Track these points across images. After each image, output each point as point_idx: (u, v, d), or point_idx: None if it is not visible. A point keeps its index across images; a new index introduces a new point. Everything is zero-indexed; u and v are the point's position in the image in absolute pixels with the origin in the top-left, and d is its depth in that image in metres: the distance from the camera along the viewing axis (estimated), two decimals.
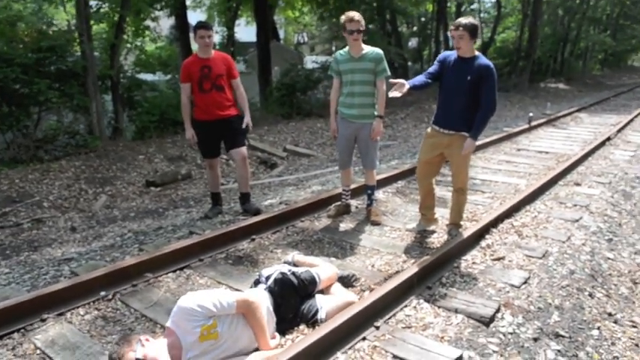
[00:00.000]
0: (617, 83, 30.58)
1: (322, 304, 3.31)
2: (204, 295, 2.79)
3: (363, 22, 4.83)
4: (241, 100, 5.59)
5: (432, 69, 4.52)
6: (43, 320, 3.40)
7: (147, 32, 14.21)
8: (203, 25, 5.30)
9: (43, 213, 7.30)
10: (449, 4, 25.20)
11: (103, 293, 3.74)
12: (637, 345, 3.49)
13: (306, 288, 3.34)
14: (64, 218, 7.19)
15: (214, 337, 2.73)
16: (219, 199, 5.93)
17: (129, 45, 13.48)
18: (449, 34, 4.41)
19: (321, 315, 3.24)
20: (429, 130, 4.67)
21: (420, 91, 4.73)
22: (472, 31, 4.18)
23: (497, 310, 3.44)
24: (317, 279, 3.42)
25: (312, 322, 3.23)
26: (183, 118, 5.55)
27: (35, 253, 5.66)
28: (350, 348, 3.00)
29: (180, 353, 2.66)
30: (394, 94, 4.18)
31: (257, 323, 2.89)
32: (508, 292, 3.73)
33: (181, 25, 19.40)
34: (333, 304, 3.34)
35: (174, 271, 4.14)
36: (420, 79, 4.46)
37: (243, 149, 5.56)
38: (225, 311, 2.77)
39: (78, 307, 3.58)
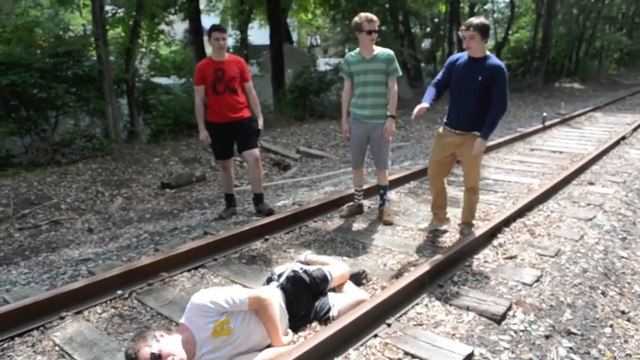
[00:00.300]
0: (632, 82, 30.24)
1: (334, 301, 3.35)
2: (216, 291, 2.85)
3: (377, 24, 4.90)
4: (254, 103, 5.66)
5: (439, 76, 4.58)
6: (62, 318, 3.48)
7: (161, 36, 14.34)
8: (217, 28, 5.36)
9: (60, 215, 7.42)
10: (462, 5, 25.14)
11: (119, 292, 3.81)
12: None
13: (317, 286, 3.39)
14: (81, 220, 7.31)
15: (227, 333, 2.78)
16: (233, 201, 6.00)
17: (144, 49, 13.62)
18: (460, 34, 4.43)
19: (333, 313, 3.28)
20: (440, 130, 4.69)
21: None
22: (483, 31, 4.19)
23: (509, 308, 3.46)
24: (329, 277, 3.46)
25: (325, 319, 3.28)
26: (197, 119, 5.60)
27: (53, 253, 5.77)
28: (362, 345, 3.04)
29: (195, 349, 2.72)
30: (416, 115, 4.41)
31: (269, 320, 2.94)
32: (520, 290, 3.75)
33: (195, 29, 19.58)
34: (345, 302, 3.38)
35: (189, 271, 4.21)
36: (430, 94, 4.53)
37: (256, 151, 5.61)
38: (237, 308, 2.82)
39: (95, 306, 3.66)
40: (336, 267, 3.64)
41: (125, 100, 12.52)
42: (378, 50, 4.95)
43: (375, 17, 4.90)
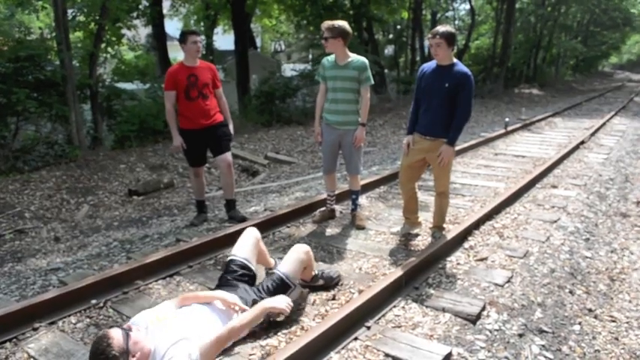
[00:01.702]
0: (588, 88, 31.32)
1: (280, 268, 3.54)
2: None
3: (335, 30, 4.87)
4: (224, 109, 5.66)
5: (415, 92, 4.73)
6: (35, 329, 3.41)
7: (124, 41, 14.11)
8: (194, 31, 5.32)
9: (24, 224, 7.23)
10: (424, 12, 25.57)
11: (94, 301, 3.76)
12: (617, 339, 3.63)
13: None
14: (46, 229, 7.14)
15: None
16: (204, 207, 5.96)
17: (107, 54, 13.38)
18: (426, 42, 4.54)
19: (285, 276, 3.47)
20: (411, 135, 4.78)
21: (398, 100, 4.90)
22: (449, 38, 4.30)
23: (483, 309, 3.55)
24: (288, 281, 3.49)
25: (282, 287, 3.42)
26: (169, 125, 5.51)
27: (19, 263, 5.62)
28: (343, 348, 3.08)
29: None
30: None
31: (244, 326, 3.03)
32: (492, 290, 3.85)
33: (158, 34, 19.38)
34: (288, 263, 3.54)
35: (164, 278, 4.18)
36: (411, 122, 4.75)
37: (229, 156, 5.59)
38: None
39: (70, 316, 3.59)
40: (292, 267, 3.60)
41: (88, 105, 12.26)
42: (353, 57, 5.00)
43: (329, 24, 4.90)
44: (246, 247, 3.69)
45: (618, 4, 34.50)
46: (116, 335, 2.60)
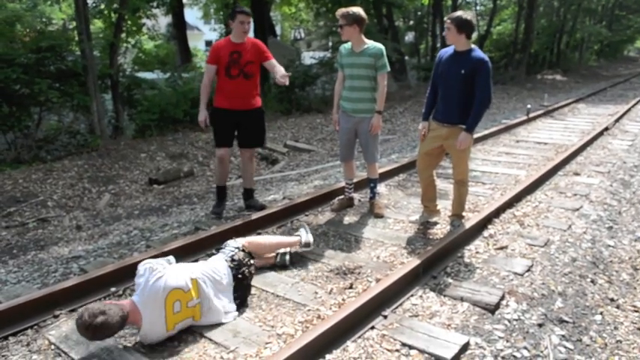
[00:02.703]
0: (613, 74, 30.68)
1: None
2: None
3: (350, 17, 4.79)
4: (277, 67, 5.17)
5: (432, 78, 4.67)
6: (56, 316, 3.46)
7: (144, 30, 14.19)
8: (243, 11, 5.14)
9: (47, 212, 7.35)
10: None
11: (113, 289, 3.80)
12: (639, 329, 3.56)
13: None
14: (68, 217, 7.25)
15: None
16: (225, 194, 5.71)
17: (127, 44, 13.47)
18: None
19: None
20: (428, 123, 4.73)
21: (418, 87, 4.86)
22: (459, 24, 4.23)
23: (502, 298, 3.51)
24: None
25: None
26: (200, 98, 5.28)
27: (42, 251, 5.71)
28: (359, 337, 3.07)
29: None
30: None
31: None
32: (512, 280, 3.80)
33: (178, 23, 19.48)
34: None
35: None
36: (427, 107, 4.71)
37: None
38: None
39: (89, 303, 3.63)
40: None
41: (109, 95, 12.38)
42: (369, 44, 4.94)
43: (343, 11, 4.83)
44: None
45: None
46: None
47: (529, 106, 12.13)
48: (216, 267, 3.42)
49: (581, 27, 33.64)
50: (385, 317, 3.26)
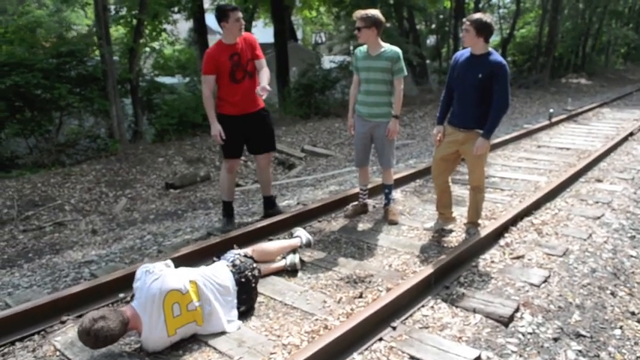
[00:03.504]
0: None
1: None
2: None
3: (369, 19, 4.71)
4: (264, 77, 4.89)
5: (447, 81, 4.57)
6: (63, 322, 3.44)
7: (164, 35, 14.30)
8: (235, 7, 4.80)
9: (64, 216, 7.41)
10: (467, 1, 24.98)
11: (121, 295, 3.77)
12: None
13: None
14: (85, 221, 7.29)
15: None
16: (232, 210, 5.43)
17: (147, 49, 13.60)
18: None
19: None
20: (444, 127, 4.63)
21: (439, 91, 4.79)
22: (478, 27, 4.12)
23: (517, 310, 3.40)
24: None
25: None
26: (207, 112, 4.97)
27: (57, 255, 5.75)
28: (366, 349, 2.99)
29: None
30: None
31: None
32: (527, 291, 3.68)
33: (199, 28, 19.58)
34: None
35: None
36: (442, 111, 4.63)
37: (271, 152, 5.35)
38: None
39: (97, 309, 3.61)
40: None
41: (129, 99, 12.50)
42: (386, 47, 4.85)
43: (362, 13, 4.75)
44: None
45: None
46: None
47: (551, 110, 11.89)
48: (217, 271, 3.38)
49: (608, 30, 32.98)
50: (394, 328, 3.17)
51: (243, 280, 3.41)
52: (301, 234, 4.48)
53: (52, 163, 9.56)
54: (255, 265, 3.60)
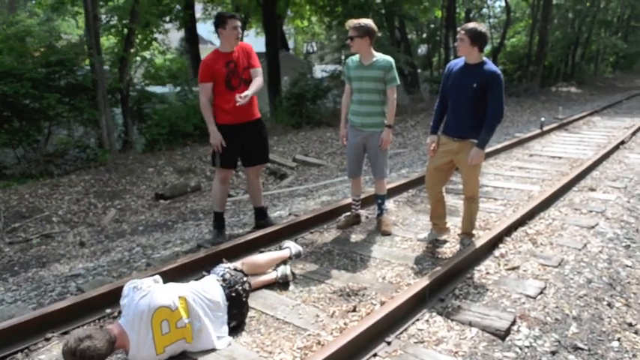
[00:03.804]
0: (629, 86, 30.24)
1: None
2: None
3: (361, 29, 4.67)
4: (257, 84, 4.87)
5: (441, 91, 4.51)
6: (48, 339, 3.34)
7: (154, 44, 14.20)
8: (233, 15, 4.76)
9: (52, 228, 7.27)
10: (458, 11, 25.10)
11: (108, 310, 3.67)
12: None
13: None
14: (72, 233, 7.16)
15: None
16: (223, 221, 5.30)
17: (138, 58, 13.51)
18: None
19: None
20: (437, 137, 4.58)
21: (431, 100, 4.74)
22: (473, 36, 4.08)
23: (513, 323, 3.33)
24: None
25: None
26: (206, 120, 4.89)
27: (43, 269, 5.63)
28: None
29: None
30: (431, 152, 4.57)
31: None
32: (524, 303, 3.62)
33: (191, 37, 19.54)
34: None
35: None
36: (435, 121, 4.56)
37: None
38: None
39: (83, 325, 3.51)
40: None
41: (119, 109, 12.38)
42: (378, 57, 4.80)
43: (354, 23, 4.70)
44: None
45: None
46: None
47: (543, 118, 11.90)
48: (207, 286, 3.29)
49: (597, 39, 33.25)
50: (389, 344, 3.09)
51: (233, 294, 3.32)
52: (290, 245, 4.43)
53: (40, 174, 9.43)
54: (245, 278, 3.51)
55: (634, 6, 33.33)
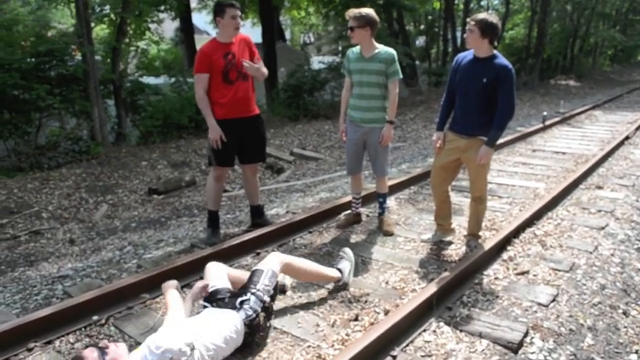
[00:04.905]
0: (627, 79, 30.08)
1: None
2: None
3: (362, 19, 4.43)
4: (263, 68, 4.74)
5: (448, 84, 4.29)
6: (30, 350, 3.13)
7: (148, 34, 13.87)
8: (233, 4, 4.46)
9: (41, 224, 7.03)
10: (456, 2, 24.82)
11: (95, 317, 3.45)
12: None
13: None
14: (62, 229, 6.93)
15: None
16: (218, 221, 5.09)
17: (132, 48, 13.19)
18: (458, 33, 4.12)
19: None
20: (443, 133, 4.35)
21: (429, 92, 4.50)
22: (483, 27, 3.85)
23: (526, 334, 3.13)
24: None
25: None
26: (204, 113, 4.62)
27: (31, 268, 5.40)
28: None
29: None
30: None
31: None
32: (536, 311, 3.42)
33: (186, 27, 19.24)
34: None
35: None
36: (442, 116, 4.34)
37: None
38: None
39: (68, 334, 3.29)
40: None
41: (112, 100, 12.09)
42: (380, 49, 4.56)
43: (355, 12, 4.45)
44: (222, 278, 3.41)
45: None
46: (90, 355, 2.43)
47: (545, 113, 11.69)
48: (229, 334, 2.88)
49: (595, 32, 33.04)
50: (394, 358, 2.89)
51: (249, 339, 3.01)
52: (345, 271, 3.79)
53: (30, 167, 9.16)
54: (268, 323, 3.16)
55: None
